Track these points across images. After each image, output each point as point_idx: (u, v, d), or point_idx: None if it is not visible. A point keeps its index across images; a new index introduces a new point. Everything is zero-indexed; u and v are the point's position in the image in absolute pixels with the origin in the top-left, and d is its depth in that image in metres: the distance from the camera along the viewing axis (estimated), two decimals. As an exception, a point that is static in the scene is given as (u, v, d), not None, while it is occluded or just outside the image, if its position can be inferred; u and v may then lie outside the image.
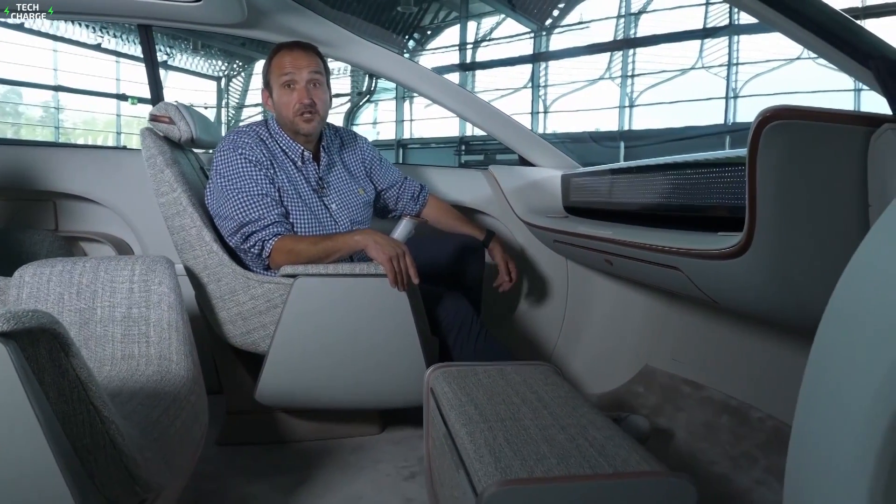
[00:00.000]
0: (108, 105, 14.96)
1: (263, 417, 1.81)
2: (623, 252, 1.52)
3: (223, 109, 16.45)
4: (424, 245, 1.86)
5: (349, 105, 15.43)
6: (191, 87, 15.64)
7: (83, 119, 15.30)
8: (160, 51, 13.93)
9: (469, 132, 13.59)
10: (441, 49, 14.63)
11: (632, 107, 12.43)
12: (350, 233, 1.66)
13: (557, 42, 13.50)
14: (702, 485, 1.24)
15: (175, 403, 1.19)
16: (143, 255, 1.52)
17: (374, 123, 16.07)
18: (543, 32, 13.45)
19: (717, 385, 1.87)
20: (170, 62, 15.01)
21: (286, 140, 1.79)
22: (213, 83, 16.42)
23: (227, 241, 1.69)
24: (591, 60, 12.81)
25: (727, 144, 10.33)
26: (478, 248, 1.98)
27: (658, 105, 12.24)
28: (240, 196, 1.64)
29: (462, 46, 14.22)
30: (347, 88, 15.21)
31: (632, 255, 1.48)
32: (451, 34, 14.52)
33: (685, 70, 11.80)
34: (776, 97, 9.83)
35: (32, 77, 13.36)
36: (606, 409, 2.02)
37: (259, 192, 1.66)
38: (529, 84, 13.54)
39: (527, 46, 13.73)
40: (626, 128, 12.43)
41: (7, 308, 0.81)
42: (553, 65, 13.55)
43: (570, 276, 2.33)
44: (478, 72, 14.25)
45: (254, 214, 1.63)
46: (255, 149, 1.71)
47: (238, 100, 16.63)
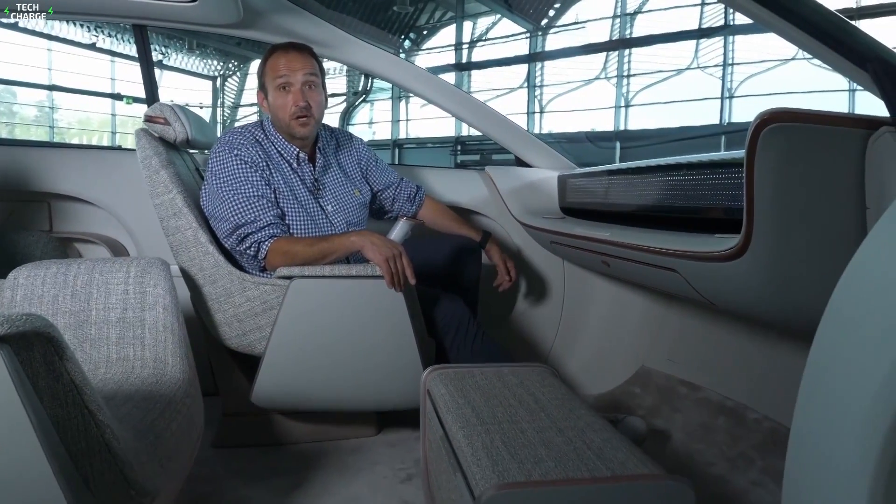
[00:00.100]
0: (104, 104, 14.92)
1: (259, 419, 1.80)
2: (620, 254, 1.52)
3: (219, 109, 16.42)
4: (421, 246, 1.85)
5: (345, 105, 15.41)
6: (186, 87, 15.62)
7: (78, 119, 15.25)
8: (155, 50, 13.89)
9: (465, 132, 13.59)
10: (437, 49, 14.63)
11: (627, 107, 12.45)
12: (346, 234, 1.66)
13: (553, 42, 13.53)
14: (699, 486, 1.24)
15: (171, 406, 1.18)
16: (139, 257, 1.51)
17: (370, 123, 16.07)
18: (539, 32, 13.46)
19: (714, 386, 1.87)
20: (165, 61, 14.97)
21: (282, 142, 1.78)
22: (209, 83, 16.39)
23: (223, 243, 1.68)
24: (587, 60, 12.83)
25: (722, 144, 10.36)
26: (474, 249, 1.97)
27: (653, 105, 12.27)
28: (235, 197, 1.64)
29: (458, 46, 14.22)
30: (343, 88, 15.19)
31: (629, 257, 1.48)
32: (447, 34, 14.54)
33: (681, 70, 11.83)
34: (771, 97, 9.87)
35: (27, 76, 13.31)
36: (603, 411, 2.02)
37: (255, 194, 1.65)
38: (525, 84, 13.55)
39: (523, 46, 13.75)
40: (622, 128, 12.45)
41: (1, 311, 0.81)
42: (549, 65, 13.56)
43: (567, 277, 2.33)
44: (474, 72, 14.25)
45: (249, 216, 1.63)
46: (251, 150, 1.71)
47: (234, 99, 16.60)
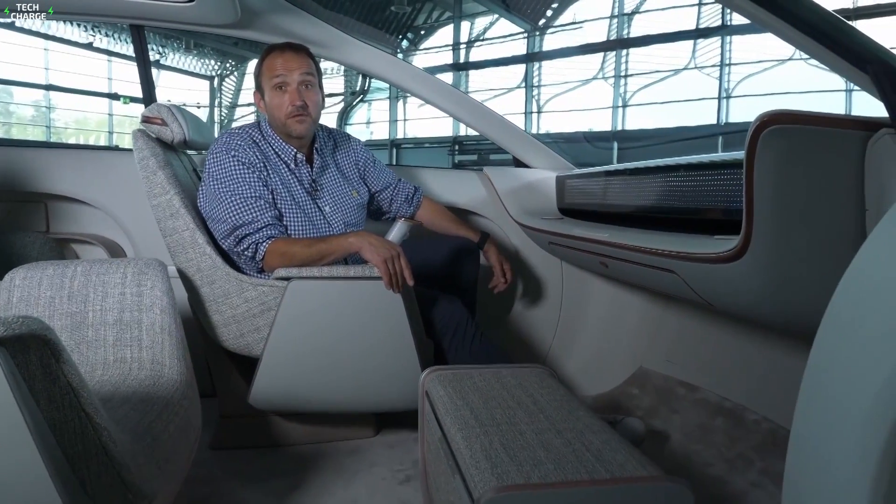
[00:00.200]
0: (100, 104, 14.88)
1: (257, 421, 1.80)
2: (618, 255, 1.52)
3: (216, 109, 16.39)
4: (419, 247, 1.85)
5: (342, 105, 15.40)
6: (183, 87, 15.58)
7: (75, 118, 15.21)
8: (152, 50, 13.86)
9: (463, 132, 13.59)
10: (434, 49, 14.62)
11: (625, 107, 12.46)
12: (344, 235, 1.65)
13: (551, 42, 13.53)
14: (697, 487, 1.24)
15: (168, 408, 1.18)
16: (136, 258, 1.50)
17: (368, 123, 16.06)
18: (537, 32, 13.46)
19: (712, 387, 1.87)
20: (162, 61, 14.93)
21: (279, 142, 1.78)
22: (206, 82, 16.36)
23: (221, 244, 1.67)
24: (585, 60, 12.83)
25: (720, 145, 10.37)
26: (473, 250, 1.97)
27: (651, 105, 12.28)
28: (233, 199, 1.63)
29: (456, 46, 14.21)
30: (341, 88, 15.17)
31: (627, 258, 1.48)
32: (445, 34, 14.53)
33: (678, 70, 11.84)
34: (768, 97, 9.89)
35: (23, 76, 13.28)
36: (601, 411, 2.02)
37: (252, 195, 1.65)
38: (523, 84, 13.55)
39: (520, 46, 13.75)
40: (619, 128, 12.46)
41: (-3, 314, 0.80)
42: (546, 65, 13.56)
43: (565, 278, 2.33)
44: (471, 72, 14.24)
45: (247, 217, 1.62)
46: (248, 151, 1.70)
47: (231, 99, 16.56)
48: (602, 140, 12.18)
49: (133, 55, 2.23)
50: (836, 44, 0.96)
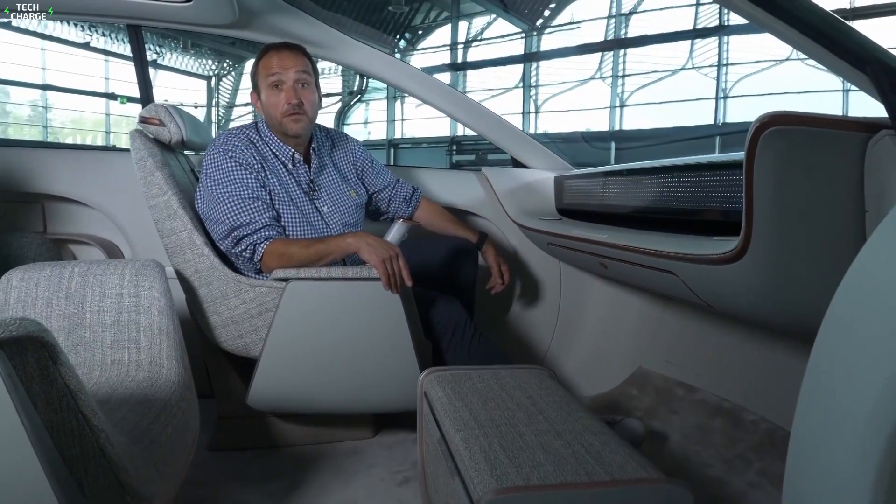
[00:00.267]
0: (98, 104, 14.84)
1: (255, 422, 1.79)
2: (617, 255, 1.52)
3: (213, 108, 16.36)
4: (417, 248, 1.85)
5: (340, 105, 15.39)
6: (181, 87, 15.55)
7: (72, 118, 15.17)
8: (150, 49, 13.83)
9: (460, 132, 13.58)
10: (432, 49, 14.62)
11: (622, 107, 12.47)
12: (342, 236, 1.65)
13: (548, 42, 13.54)
14: (696, 488, 1.24)
15: (166, 410, 1.17)
16: (133, 259, 1.50)
17: (365, 123, 16.04)
18: (534, 32, 13.46)
19: (711, 387, 1.87)
20: (159, 61, 14.89)
21: (276, 142, 1.77)
22: (203, 82, 16.33)
23: (218, 245, 1.67)
24: (582, 60, 12.84)
25: (717, 145, 10.39)
26: (471, 251, 1.97)
27: (648, 105, 12.30)
28: (230, 199, 1.63)
29: (453, 46, 14.21)
30: (338, 88, 15.17)
31: (626, 259, 1.48)
32: (443, 34, 14.52)
33: (675, 70, 11.85)
34: (766, 98, 9.91)
35: (20, 75, 13.23)
36: (600, 412, 2.02)
37: (250, 196, 1.64)
38: (521, 84, 13.55)
39: (518, 46, 13.75)
40: (617, 128, 12.47)
41: (-6, 316, 0.80)
42: (544, 65, 13.57)
43: (564, 279, 2.33)
44: (469, 72, 14.25)
45: (245, 218, 1.62)
46: (246, 151, 1.70)
47: (228, 99, 16.53)
48: (600, 140, 12.19)
49: (130, 55, 2.23)
50: (835, 44, 0.96)
